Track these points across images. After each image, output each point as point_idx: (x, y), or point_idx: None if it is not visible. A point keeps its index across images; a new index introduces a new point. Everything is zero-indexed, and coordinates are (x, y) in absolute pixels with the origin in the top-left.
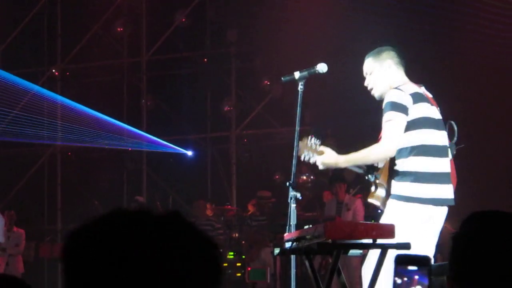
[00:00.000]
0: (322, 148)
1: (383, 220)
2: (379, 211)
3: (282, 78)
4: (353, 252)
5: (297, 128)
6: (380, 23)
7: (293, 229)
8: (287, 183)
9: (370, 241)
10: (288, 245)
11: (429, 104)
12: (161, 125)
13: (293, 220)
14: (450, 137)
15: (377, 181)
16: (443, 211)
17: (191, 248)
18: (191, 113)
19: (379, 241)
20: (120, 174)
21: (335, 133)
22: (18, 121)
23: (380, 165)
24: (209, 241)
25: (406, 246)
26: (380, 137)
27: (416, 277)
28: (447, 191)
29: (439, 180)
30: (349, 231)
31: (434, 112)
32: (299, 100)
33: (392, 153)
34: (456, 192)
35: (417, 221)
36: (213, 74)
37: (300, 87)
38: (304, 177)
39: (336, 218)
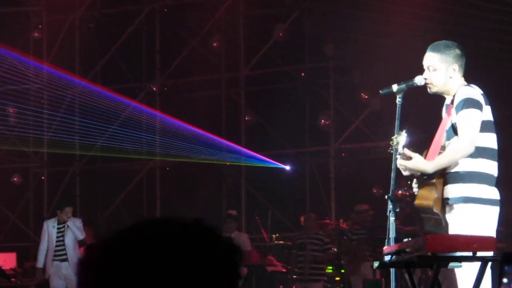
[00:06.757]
0: (411, 153)
1: (464, 225)
2: (424, 215)
3: (380, 91)
4: (453, 264)
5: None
6: (478, 36)
7: (392, 242)
8: (386, 196)
9: (470, 253)
10: (387, 258)
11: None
12: (259, 139)
13: (392, 234)
14: None
15: (433, 181)
16: None
17: (211, 252)
18: (289, 127)
19: (479, 253)
20: (218, 189)
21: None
22: (117, 137)
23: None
24: (230, 246)
25: (509, 259)
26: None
27: None
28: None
29: (496, 183)
30: (450, 243)
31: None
32: (397, 113)
33: (473, 149)
34: None
35: (496, 224)
36: (311, 88)
37: (399, 100)
38: (403, 191)
39: None
